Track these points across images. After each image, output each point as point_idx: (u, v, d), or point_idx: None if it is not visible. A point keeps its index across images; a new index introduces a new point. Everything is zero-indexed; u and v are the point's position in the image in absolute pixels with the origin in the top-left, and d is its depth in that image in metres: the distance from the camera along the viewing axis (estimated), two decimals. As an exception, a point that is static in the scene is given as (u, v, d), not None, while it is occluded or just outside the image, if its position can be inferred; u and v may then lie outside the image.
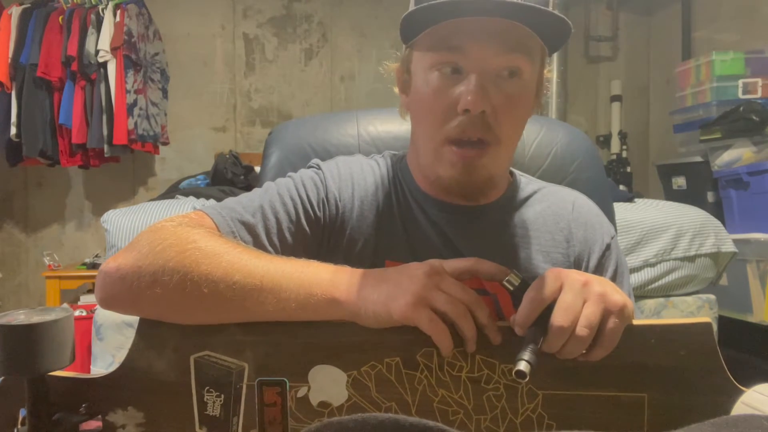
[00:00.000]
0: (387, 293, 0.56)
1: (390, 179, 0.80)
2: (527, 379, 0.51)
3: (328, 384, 0.58)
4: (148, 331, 0.61)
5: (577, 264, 0.79)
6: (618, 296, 0.55)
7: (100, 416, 0.60)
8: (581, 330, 0.53)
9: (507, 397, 0.57)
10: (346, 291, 0.58)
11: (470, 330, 0.55)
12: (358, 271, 0.60)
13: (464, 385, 0.57)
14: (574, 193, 0.86)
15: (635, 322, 0.57)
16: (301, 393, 0.58)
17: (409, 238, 0.77)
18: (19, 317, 0.53)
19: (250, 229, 0.71)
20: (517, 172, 0.86)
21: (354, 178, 0.79)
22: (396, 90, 0.82)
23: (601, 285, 0.56)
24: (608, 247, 0.80)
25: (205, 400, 0.59)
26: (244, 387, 0.58)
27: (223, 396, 0.59)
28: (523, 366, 0.51)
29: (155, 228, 0.65)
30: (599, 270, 0.79)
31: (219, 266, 0.59)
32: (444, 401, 0.57)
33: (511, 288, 0.58)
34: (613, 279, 0.79)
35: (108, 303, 0.64)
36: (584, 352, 0.55)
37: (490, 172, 0.73)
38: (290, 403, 0.58)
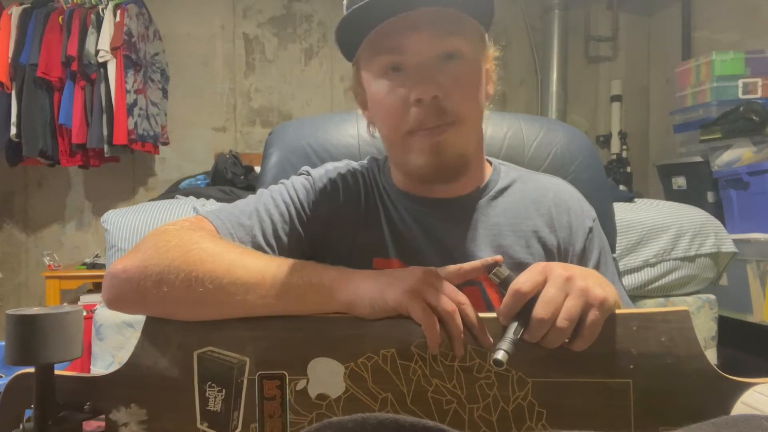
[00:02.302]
0: (384, 283, 0.60)
1: (372, 181, 0.84)
2: (504, 367, 0.54)
3: (326, 376, 0.60)
4: (153, 328, 0.63)
5: (564, 249, 0.81)
6: (599, 290, 0.57)
7: (103, 415, 0.61)
8: (561, 322, 0.56)
9: (498, 385, 0.59)
10: (344, 282, 0.61)
11: (457, 329, 0.57)
12: (353, 269, 0.64)
13: (457, 375, 0.59)
14: (555, 179, 0.88)
15: (618, 311, 0.59)
16: (300, 386, 0.60)
17: (393, 236, 0.79)
18: (32, 310, 0.56)
19: (247, 230, 0.74)
20: (496, 161, 0.88)
21: (342, 183, 0.82)
22: (360, 112, 0.85)
23: (584, 279, 0.58)
24: (591, 230, 0.82)
25: (207, 395, 0.61)
26: (245, 381, 0.60)
27: (224, 391, 0.61)
28: (500, 355, 0.54)
29: (159, 231, 0.68)
30: (585, 254, 0.81)
31: (222, 264, 0.62)
32: (438, 391, 0.59)
33: (498, 280, 0.61)
34: (598, 262, 0.82)
35: (115, 304, 0.66)
36: (567, 341, 0.57)
37: (459, 150, 0.75)
38: (289, 397, 0.60)
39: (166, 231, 0.68)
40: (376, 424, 0.37)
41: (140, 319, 0.64)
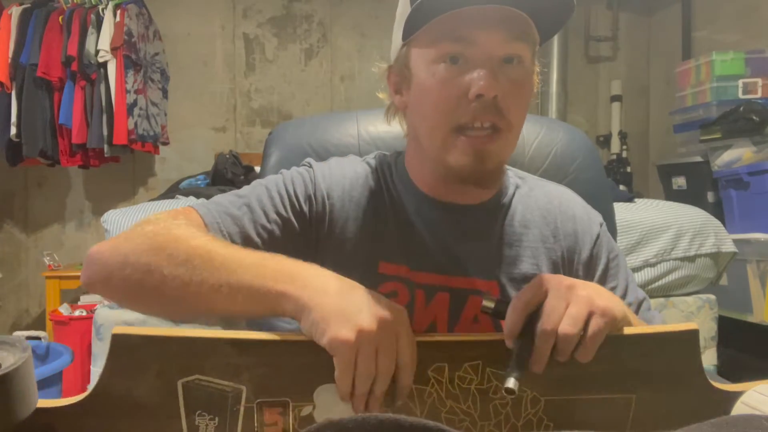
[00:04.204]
0: (338, 311, 0.55)
1: (382, 180, 0.80)
2: (515, 395, 0.53)
3: (334, 402, 0.56)
4: (123, 355, 0.54)
5: (569, 258, 0.80)
6: (603, 300, 0.56)
7: None
8: (565, 327, 0.55)
9: (512, 404, 0.59)
10: (300, 287, 0.57)
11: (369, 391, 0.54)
12: (314, 267, 0.60)
13: (473, 396, 0.58)
14: (560, 187, 0.88)
15: (627, 330, 0.59)
16: (306, 412, 0.56)
17: (402, 239, 0.77)
18: None
19: (236, 220, 0.72)
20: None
21: (345, 179, 0.79)
22: (381, 95, 0.82)
23: (586, 289, 0.57)
24: (598, 236, 0.82)
25: (196, 424, 0.55)
26: (242, 409, 0.55)
27: (217, 419, 0.54)
28: (512, 383, 0.53)
29: (143, 219, 0.69)
30: (593, 260, 0.80)
31: (183, 250, 0.60)
32: (452, 411, 0.58)
33: (490, 310, 0.60)
34: (607, 266, 0.81)
35: (87, 284, 0.67)
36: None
37: (501, 159, 0.74)
38: (294, 423, 0.56)
39: (147, 220, 0.68)
40: (377, 423, 0.37)
41: (140, 318, 0.63)
